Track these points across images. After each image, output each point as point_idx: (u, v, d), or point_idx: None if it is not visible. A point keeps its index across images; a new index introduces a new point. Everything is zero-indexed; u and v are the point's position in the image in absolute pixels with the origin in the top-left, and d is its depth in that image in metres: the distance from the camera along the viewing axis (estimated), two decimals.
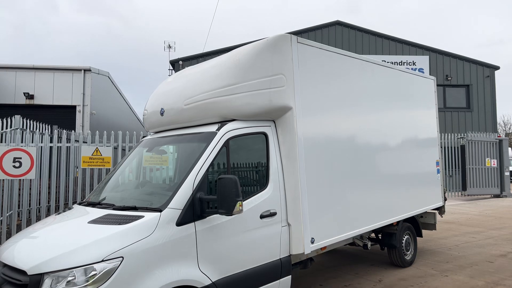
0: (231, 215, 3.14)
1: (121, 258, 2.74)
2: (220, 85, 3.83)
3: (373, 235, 6.08)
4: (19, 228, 8.29)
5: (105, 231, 2.92)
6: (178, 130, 4.20)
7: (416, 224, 6.52)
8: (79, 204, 4.02)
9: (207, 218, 3.29)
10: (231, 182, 3.08)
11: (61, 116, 16.96)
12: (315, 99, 4.38)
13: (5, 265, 2.93)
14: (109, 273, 2.67)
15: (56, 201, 8.65)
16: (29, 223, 7.92)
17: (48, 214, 7.86)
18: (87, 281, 2.62)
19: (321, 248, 4.41)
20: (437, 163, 7.05)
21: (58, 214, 3.82)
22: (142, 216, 3.03)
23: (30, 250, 2.96)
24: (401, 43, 22.48)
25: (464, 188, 16.15)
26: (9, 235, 7.68)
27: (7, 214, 7.25)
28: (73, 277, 2.63)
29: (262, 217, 3.73)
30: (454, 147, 16.16)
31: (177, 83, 4.47)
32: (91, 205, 3.75)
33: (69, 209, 3.88)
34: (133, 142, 8.62)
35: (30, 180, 7.65)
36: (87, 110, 18.61)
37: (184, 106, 4.03)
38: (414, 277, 5.59)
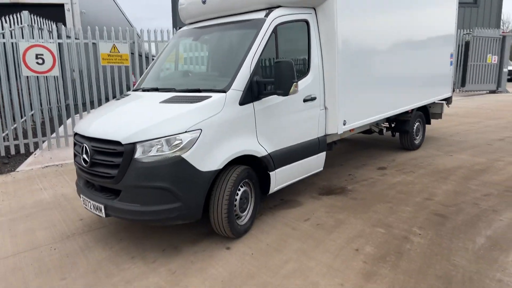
0: (287, 95, 3.51)
1: (200, 130, 3.18)
2: None
3: (386, 124, 6.66)
4: (43, 125, 8.72)
5: (182, 108, 3.31)
6: (220, 19, 4.33)
7: (426, 113, 7.09)
8: (134, 91, 4.35)
9: (263, 99, 3.67)
10: (288, 65, 3.39)
11: (51, 16, 16.18)
12: None
13: (93, 139, 3.36)
14: (191, 142, 3.14)
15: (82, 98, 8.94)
16: (51, 121, 8.32)
17: (80, 110, 8.17)
18: (174, 148, 3.09)
19: (350, 130, 4.95)
20: (451, 55, 7.32)
21: (118, 99, 4.16)
22: (210, 96, 3.40)
23: (118, 124, 3.37)
24: None
25: (463, 84, 16.61)
26: (34, 132, 8.13)
27: (31, 113, 7.56)
28: (161, 145, 3.09)
29: (304, 101, 4.14)
30: (459, 44, 16.15)
31: None
32: (149, 91, 4.09)
33: (126, 95, 4.21)
34: (132, 39, 8.47)
35: (55, 77, 7.81)
36: (76, 9, 17.69)
37: None
38: (422, 157, 6.31)
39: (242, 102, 3.50)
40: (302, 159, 4.22)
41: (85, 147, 3.38)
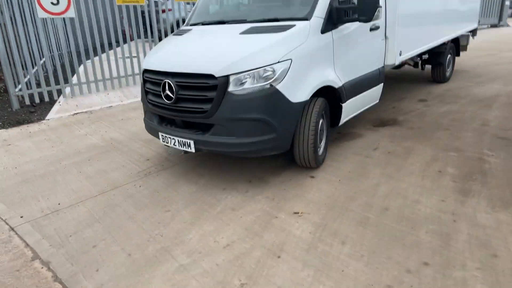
0: (370, 21, 3.45)
1: (290, 60, 3.13)
2: None
3: (417, 60, 6.70)
4: (55, 71, 8.37)
5: (269, 38, 3.21)
6: None
7: (457, 44, 7.10)
8: (192, 25, 4.18)
9: (339, 27, 3.60)
10: None
11: None
12: None
13: (178, 74, 3.27)
14: (284, 73, 3.10)
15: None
16: (63, 67, 7.98)
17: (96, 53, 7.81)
18: (268, 79, 3.05)
19: (401, 61, 4.96)
20: None
21: (180, 34, 3.98)
22: (294, 25, 3.30)
23: (205, 58, 3.27)
24: None
25: None
26: (56, 78, 7.82)
27: (47, 57, 7.21)
28: (254, 77, 3.04)
29: (371, 29, 4.07)
30: None
31: None
32: (213, 25, 3.94)
33: (186, 30, 4.04)
34: None
35: (71, 18, 7.36)
36: None
37: None
38: (457, 88, 6.42)
39: (323, 30, 3.43)
40: (367, 90, 4.25)
41: (168, 83, 3.30)
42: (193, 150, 3.32)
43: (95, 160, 4.31)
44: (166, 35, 7.91)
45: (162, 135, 3.55)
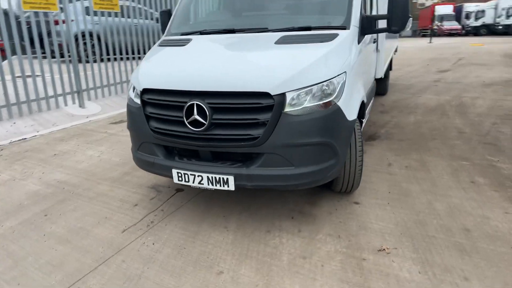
0: (401, 31, 3.26)
1: (345, 73, 2.71)
2: None
3: None
4: None
5: (316, 49, 2.73)
6: None
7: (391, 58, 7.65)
8: (185, 34, 3.42)
9: (364, 38, 3.34)
10: (405, 0, 3.11)
11: None
12: None
13: (213, 93, 2.54)
14: (342, 87, 2.65)
15: None
16: None
17: None
18: (328, 96, 2.57)
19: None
20: None
21: (180, 45, 3.17)
22: (337, 34, 2.89)
23: (250, 72, 2.58)
24: None
25: None
26: None
27: None
28: (314, 94, 2.53)
29: (374, 41, 3.94)
30: None
31: None
32: (220, 33, 3.27)
33: (185, 40, 3.26)
34: None
35: None
36: None
37: None
38: (401, 99, 6.84)
39: (358, 40, 3.11)
40: (371, 100, 4.09)
41: (197, 105, 2.54)
42: (231, 187, 2.61)
43: (56, 215, 3.17)
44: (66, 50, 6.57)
45: (178, 173, 2.74)
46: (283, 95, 2.47)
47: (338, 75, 2.62)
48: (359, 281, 2.22)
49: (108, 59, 7.64)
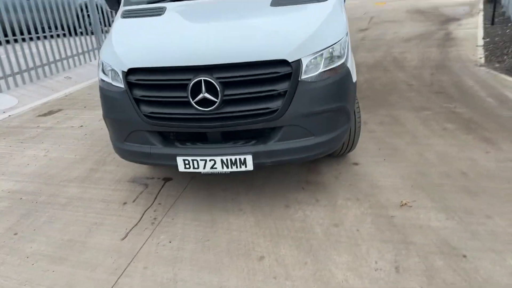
0: None
1: (347, 34, 2.63)
2: None
3: None
4: None
5: (317, 10, 2.57)
6: None
7: None
8: (160, 2, 2.97)
9: None
10: None
11: None
12: None
13: (222, 66, 2.25)
14: (347, 48, 2.59)
15: None
16: None
17: None
18: (339, 59, 2.47)
19: None
20: None
21: (157, 14, 2.71)
22: None
23: (261, 38, 2.31)
24: None
25: None
26: None
27: None
28: (326, 57, 2.41)
29: None
30: None
31: None
32: None
33: (159, 9, 2.80)
34: None
35: None
36: None
37: None
38: None
39: None
40: None
41: (206, 81, 2.25)
42: (249, 167, 2.43)
43: (30, 231, 2.67)
44: None
45: (185, 160, 2.45)
46: (299, 61, 2.31)
47: (343, 36, 2.54)
48: (400, 238, 2.28)
49: (7, 42, 6.42)
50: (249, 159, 2.40)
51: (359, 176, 3.00)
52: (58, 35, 7.19)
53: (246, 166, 2.42)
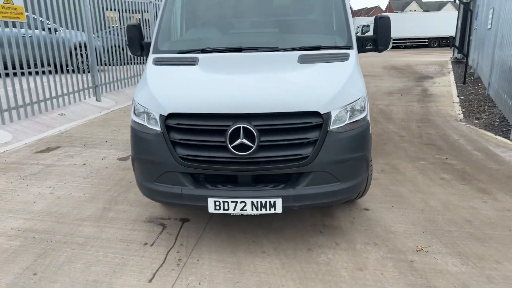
0: (385, 50, 3.60)
1: (365, 90, 2.91)
2: None
3: None
4: None
5: (340, 69, 2.85)
6: None
7: None
8: (182, 52, 3.17)
9: None
10: (389, 21, 3.47)
11: None
12: None
13: (260, 115, 2.43)
14: (366, 103, 2.85)
15: None
16: None
17: None
18: (360, 113, 2.72)
19: None
20: None
21: (190, 64, 2.90)
22: (348, 54, 3.06)
23: (296, 92, 2.52)
24: None
25: None
26: None
27: None
28: (350, 111, 2.65)
29: None
30: None
31: None
32: (225, 52, 3.13)
33: (191, 59, 3.01)
34: None
35: None
36: None
37: None
38: None
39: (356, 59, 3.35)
40: None
41: (244, 128, 2.41)
42: (278, 210, 2.55)
43: (50, 271, 2.61)
44: None
45: (216, 201, 2.55)
46: (329, 113, 2.54)
47: (364, 93, 2.81)
48: (423, 282, 2.41)
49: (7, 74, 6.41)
50: (278, 202, 2.52)
51: (373, 221, 3.16)
52: (50, 71, 7.19)
53: (275, 209, 2.54)
